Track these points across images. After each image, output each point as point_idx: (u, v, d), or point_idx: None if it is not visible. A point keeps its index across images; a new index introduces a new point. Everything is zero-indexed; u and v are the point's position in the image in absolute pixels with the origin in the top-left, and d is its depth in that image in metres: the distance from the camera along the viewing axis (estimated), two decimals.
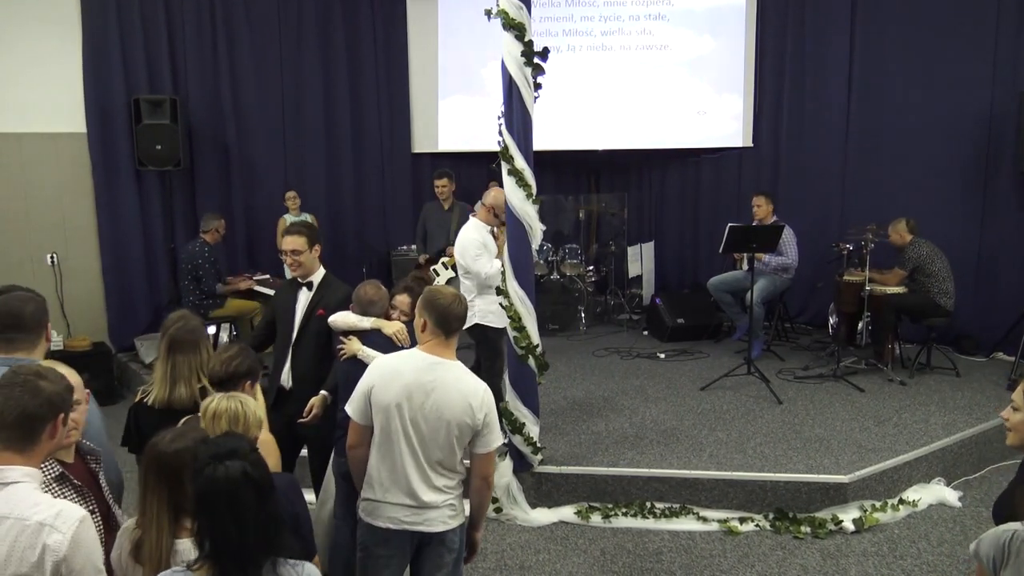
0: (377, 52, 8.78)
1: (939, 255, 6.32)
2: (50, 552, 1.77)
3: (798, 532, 4.36)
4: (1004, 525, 2.09)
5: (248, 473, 1.79)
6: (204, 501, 1.79)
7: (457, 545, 2.89)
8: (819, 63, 7.95)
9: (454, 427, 2.72)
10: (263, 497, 1.81)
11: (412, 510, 2.77)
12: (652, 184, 9.45)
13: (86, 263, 7.45)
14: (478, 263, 4.86)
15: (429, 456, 2.75)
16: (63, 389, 1.97)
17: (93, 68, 7.27)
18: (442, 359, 2.79)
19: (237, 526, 1.77)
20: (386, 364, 2.83)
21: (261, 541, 1.80)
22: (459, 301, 2.83)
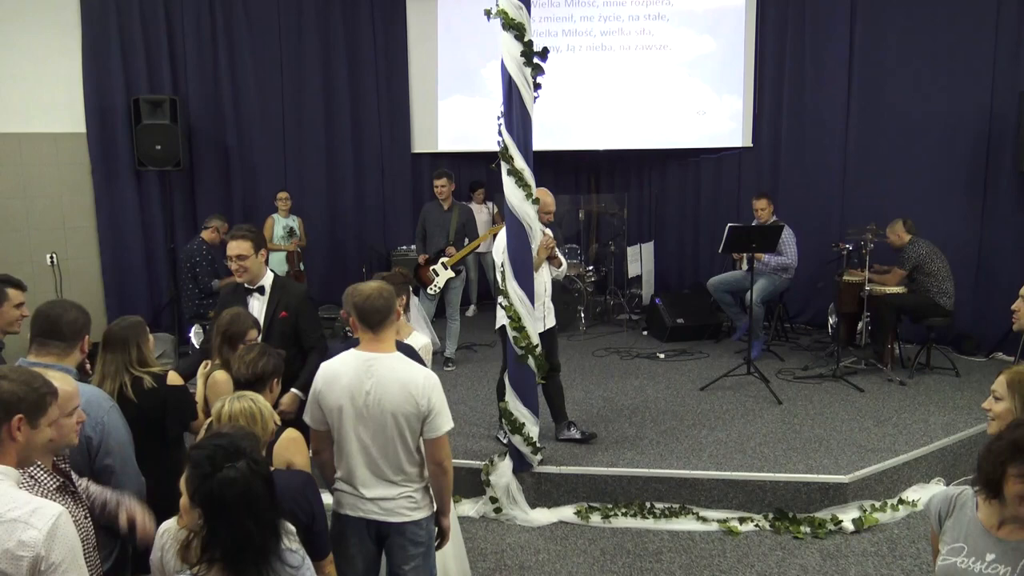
0: (377, 52, 8.79)
1: (938, 255, 6.32)
2: (26, 548, 1.76)
3: (798, 532, 4.35)
4: (952, 486, 2.27)
5: (255, 468, 1.81)
6: (218, 504, 1.78)
7: (423, 538, 2.88)
8: (819, 63, 7.95)
9: (400, 418, 2.72)
10: (271, 490, 1.84)
11: (374, 503, 2.80)
12: (652, 184, 9.45)
13: (86, 263, 7.45)
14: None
15: (381, 452, 2.77)
16: (21, 389, 1.94)
17: (93, 68, 7.28)
18: (377, 354, 2.78)
19: (255, 522, 1.78)
20: (327, 369, 2.83)
21: (273, 534, 1.82)
22: (377, 295, 2.77)
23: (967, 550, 2.13)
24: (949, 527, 2.22)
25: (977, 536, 2.12)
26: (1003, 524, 2.08)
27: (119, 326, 3.08)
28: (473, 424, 5.42)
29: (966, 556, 2.13)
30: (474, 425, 5.40)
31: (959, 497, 2.22)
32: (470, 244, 6.95)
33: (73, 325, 2.70)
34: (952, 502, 2.24)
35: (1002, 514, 2.06)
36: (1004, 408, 2.43)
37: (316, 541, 2.47)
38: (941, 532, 2.25)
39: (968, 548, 2.13)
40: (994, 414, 2.48)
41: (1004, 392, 2.45)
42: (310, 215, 8.36)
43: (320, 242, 8.57)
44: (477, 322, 8.49)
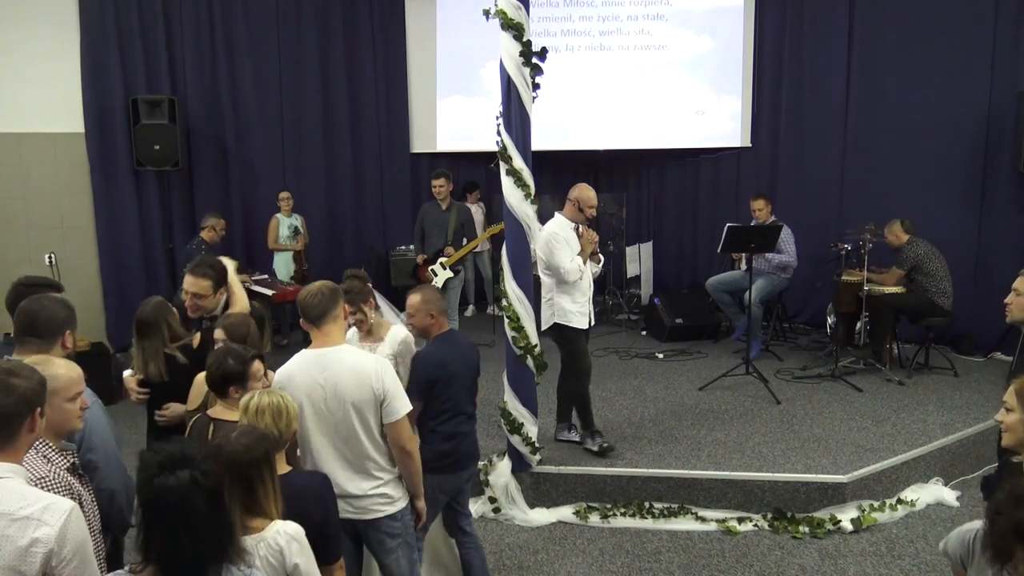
0: (376, 52, 8.79)
1: (937, 255, 6.33)
2: (40, 545, 1.78)
3: (796, 532, 4.36)
4: (968, 524, 2.18)
5: (198, 481, 1.76)
6: (154, 509, 1.75)
7: (399, 529, 2.93)
8: (817, 63, 7.95)
9: (360, 406, 2.76)
10: (214, 505, 1.78)
11: (346, 501, 2.80)
12: (651, 184, 9.45)
13: (84, 263, 7.44)
14: (557, 256, 4.64)
15: (347, 446, 2.79)
16: (36, 384, 1.97)
17: (91, 68, 7.27)
18: (325, 348, 2.82)
19: (189, 535, 1.73)
20: (281, 373, 2.86)
21: (211, 549, 1.77)
22: (316, 292, 2.83)
23: None
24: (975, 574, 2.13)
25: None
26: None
27: (147, 311, 3.27)
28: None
29: None
30: None
31: (974, 542, 2.13)
32: (468, 244, 6.94)
33: (50, 322, 2.68)
34: (970, 547, 2.15)
35: None
36: (1015, 419, 2.38)
37: (328, 544, 2.46)
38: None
39: None
40: (1006, 425, 2.42)
41: (1015, 403, 2.38)
42: (309, 215, 8.35)
43: (318, 242, 8.57)
44: (476, 322, 8.49)
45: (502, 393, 4.67)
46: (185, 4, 7.72)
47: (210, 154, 8.05)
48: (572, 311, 4.75)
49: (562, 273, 4.65)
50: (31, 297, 2.77)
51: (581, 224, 4.80)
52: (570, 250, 4.69)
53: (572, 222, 4.79)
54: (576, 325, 4.77)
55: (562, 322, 4.76)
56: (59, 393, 2.18)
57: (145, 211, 7.68)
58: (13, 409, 1.90)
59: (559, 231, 4.72)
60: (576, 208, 4.77)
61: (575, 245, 4.74)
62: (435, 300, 3.42)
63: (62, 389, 2.20)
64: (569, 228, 4.77)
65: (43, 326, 2.68)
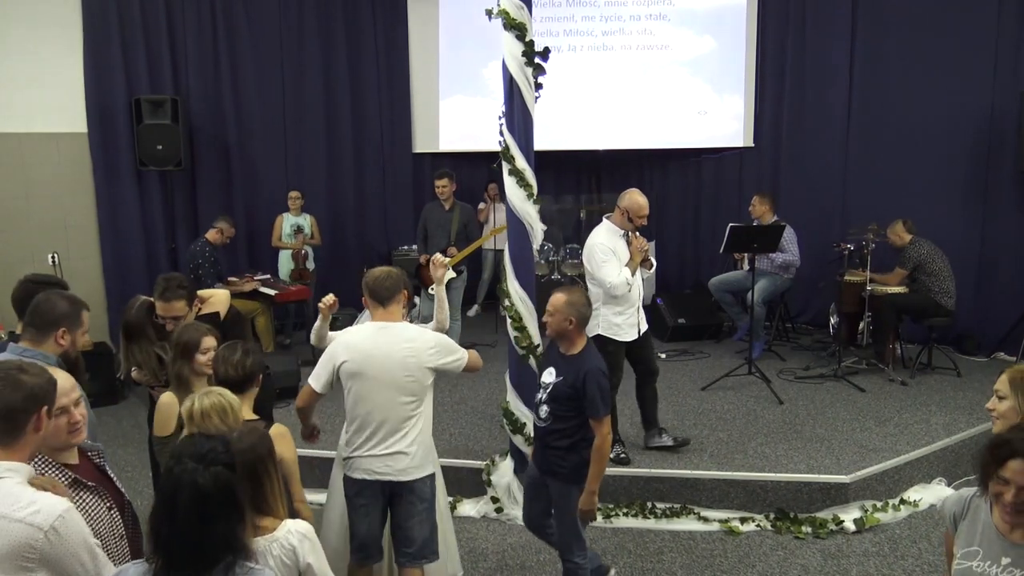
0: (378, 52, 8.79)
1: (939, 255, 6.32)
2: (30, 549, 1.78)
3: (799, 532, 4.35)
4: (965, 488, 2.27)
5: (219, 477, 1.77)
6: (167, 499, 1.76)
7: (428, 495, 3.22)
8: (820, 63, 7.95)
9: (412, 370, 3.12)
10: (227, 503, 1.78)
11: (384, 461, 3.12)
12: (653, 184, 9.44)
13: (87, 263, 7.46)
14: (603, 269, 4.46)
15: (393, 411, 3.12)
16: (45, 382, 1.96)
17: (94, 68, 7.28)
18: (386, 323, 3.20)
19: (198, 528, 1.74)
20: (345, 339, 3.21)
21: (217, 545, 1.76)
22: (386, 276, 3.25)
23: (982, 554, 2.11)
24: (964, 529, 2.20)
25: (992, 540, 2.11)
26: (1015, 528, 2.05)
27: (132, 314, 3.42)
28: (475, 424, 5.42)
29: (981, 560, 2.11)
30: (476, 426, 5.39)
31: (973, 499, 2.20)
32: (472, 244, 6.93)
33: (46, 314, 2.70)
34: (966, 504, 2.21)
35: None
36: (1008, 407, 2.43)
37: None
38: (956, 534, 2.23)
39: (983, 552, 2.11)
40: (998, 413, 2.47)
41: (1007, 391, 2.44)
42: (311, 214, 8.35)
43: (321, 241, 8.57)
44: (480, 322, 8.49)
45: (504, 393, 4.66)
46: (188, 4, 7.73)
47: (213, 154, 8.06)
48: (618, 323, 4.57)
49: (608, 287, 4.47)
50: (46, 291, 2.81)
51: (630, 232, 4.60)
52: (618, 262, 4.50)
53: (621, 229, 4.61)
54: (619, 338, 4.58)
55: (606, 334, 4.57)
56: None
57: (148, 211, 7.68)
58: (21, 405, 1.89)
59: (606, 241, 4.55)
60: (626, 217, 4.57)
61: (623, 254, 4.56)
62: (580, 305, 3.33)
63: None
64: (617, 236, 4.59)
65: (38, 318, 2.70)
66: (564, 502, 3.38)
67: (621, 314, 4.57)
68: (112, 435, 5.79)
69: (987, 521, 2.13)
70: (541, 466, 3.45)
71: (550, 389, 3.34)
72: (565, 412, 3.29)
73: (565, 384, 3.28)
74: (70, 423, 2.13)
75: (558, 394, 3.31)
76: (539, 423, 3.42)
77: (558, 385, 3.31)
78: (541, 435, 3.43)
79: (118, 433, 5.91)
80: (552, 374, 3.36)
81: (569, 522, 3.38)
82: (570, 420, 3.29)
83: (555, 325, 3.34)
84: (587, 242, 4.64)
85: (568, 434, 3.30)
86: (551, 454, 3.35)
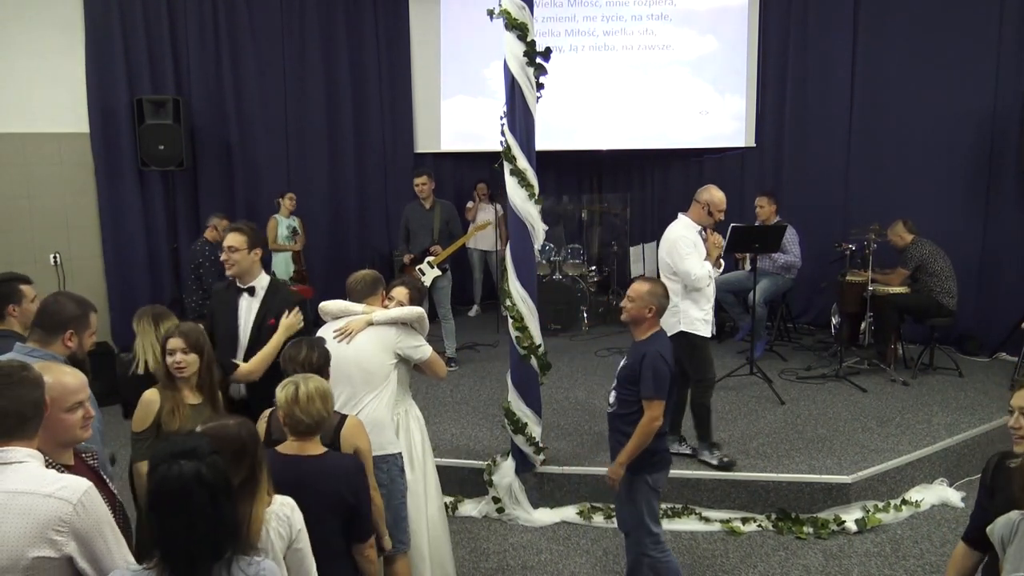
0: (380, 52, 8.80)
1: (941, 255, 6.31)
2: (60, 523, 1.85)
3: (800, 532, 4.35)
4: (1014, 512, 2.25)
5: (202, 474, 1.78)
6: (156, 499, 1.78)
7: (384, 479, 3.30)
8: (822, 63, 7.94)
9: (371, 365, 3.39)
10: (216, 499, 1.79)
11: None
12: (654, 184, 9.45)
13: (89, 263, 7.46)
14: (687, 261, 4.42)
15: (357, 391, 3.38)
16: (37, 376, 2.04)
17: (96, 68, 7.29)
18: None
19: (187, 526, 1.76)
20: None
21: (212, 543, 1.79)
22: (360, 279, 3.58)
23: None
24: (1011, 554, 2.19)
25: None
26: None
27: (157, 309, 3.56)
28: (476, 425, 5.42)
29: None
30: (477, 426, 5.39)
31: (1019, 524, 2.19)
32: (456, 242, 6.92)
33: (54, 316, 2.77)
34: (1015, 527, 2.20)
35: None
36: None
37: (361, 524, 2.60)
38: (1004, 558, 2.22)
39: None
40: (1022, 433, 2.42)
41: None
42: (312, 215, 8.36)
43: (322, 242, 8.57)
44: (480, 322, 8.50)
45: (506, 393, 4.66)
46: (190, 4, 7.74)
47: (214, 154, 8.06)
48: (699, 318, 4.50)
49: (692, 279, 4.41)
50: (55, 293, 2.87)
51: (708, 227, 4.59)
52: (699, 255, 4.48)
53: (698, 224, 4.58)
54: (703, 333, 4.55)
55: (689, 330, 4.48)
56: (54, 402, 2.13)
57: (149, 211, 7.69)
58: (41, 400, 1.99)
59: (687, 234, 4.52)
60: (705, 211, 4.55)
61: (702, 249, 4.52)
62: (661, 295, 3.44)
63: (58, 398, 2.14)
64: (696, 231, 4.56)
65: (47, 319, 2.76)
66: (629, 490, 3.43)
67: (701, 309, 4.50)
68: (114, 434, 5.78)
69: None
70: (612, 454, 3.49)
71: (617, 373, 3.46)
72: (628, 396, 3.37)
73: (628, 368, 3.39)
74: (84, 418, 2.20)
75: (623, 377, 3.41)
76: (608, 408, 3.54)
77: (622, 369, 3.43)
78: (610, 420, 3.53)
79: (120, 432, 5.91)
80: (622, 362, 3.47)
81: (636, 513, 3.42)
82: (633, 404, 3.35)
83: (633, 311, 3.41)
84: (665, 236, 4.61)
85: (633, 419, 3.34)
86: (618, 439, 3.42)
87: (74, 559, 1.87)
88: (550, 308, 7.75)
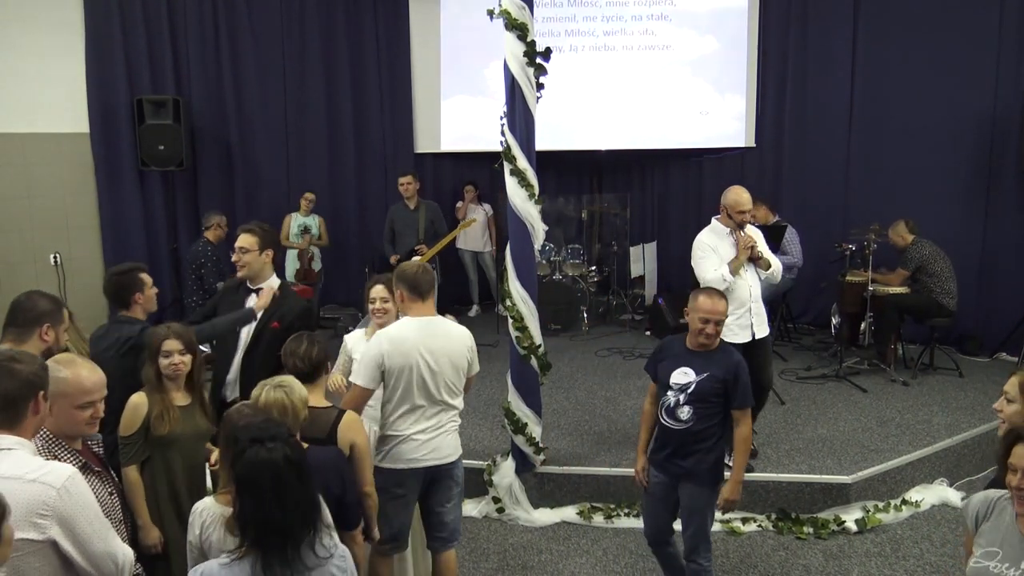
0: (380, 52, 8.79)
1: (941, 255, 6.31)
2: (44, 506, 1.90)
3: (801, 533, 4.35)
4: (992, 490, 2.26)
5: (289, 456, 1.91)
6: (247, 483, 1.89)
7: (461, 480, 3.38)
8: (822, 63, 7.94)
9: (458, 361, 3.27)
10: (303, 478, 1.92)
11: (425, 444, 3.20)
12: (654, 184, 9.44)
13: (89, 263, 7.47)
14: (700, 266, 4.44)
15: (440, 399, 3.23)
16: (38, 368, 2.08)
17: (96, 68, 7.29)
18: (431, 317, 3.26)
19: (280, 507, 1.86)
20: (392, 334, 3.19)
21: (301, 520, 1.90)
22: (424, 270, 3.28)
23: (1001, 555, 2.11)
24: (986, 530, 2.19)
25: (1014, 543, 2.10)
26: None
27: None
28: (476, 425, 5.41)
29: (1000, 561, 2.11)
30: (477, 426, 5.39)
31: (999, 501, 2.19)
32: (441, 240, 6.92)
33: (27, 313, 2.81)
34: (991, 505, 2.21)
35: None
36: (1014, 410, 2.41)
37: (347, 512, 2.62)
38: (976, 534, 2.22)
39: (1003, 553, 2.11)
40: (1004, 416, 2.45)
41: (1016, 394, 2.42)
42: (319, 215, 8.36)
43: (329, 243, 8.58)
44: (478, 322, 8.49)
45: (506, 393, 4.66)
46: (190, 4, 7.74)
47: (214, 154, 8.07)
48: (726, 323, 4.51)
49: (704, 281, 4.35)
50: (26, 291, 2.89)
51: (734, 229, 4.47)
52: (716, 259, 4.42)
53: (725, 228, 4.51)
54: (727, 339, 4.30)
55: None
56: (66, 397, 2.21)
57: (149, 211, 7.69)
58: (17, 392, 2.00)
59: (706, 239, 4.52)
60: (726, 214, 4.48)
61: (727, 253, 4.44)
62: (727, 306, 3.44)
63: (70, 394, 2.21)
64: (722, 235, 4.50)
65: (20, 316, 2.81)
66: (699, 503, 3.35)
67: (732, 313, 4.26)
68: None
69: (1011, 524, 2.13)
70: (675, 472, 3.36)
71: (693, 388, 3.26)
72: (711, 409, 3.26)
73: (713, 380, 3.25)
74: (92, 417, 2.26)
75: (704, 391, 3.25)
76: (676, 426, 3.30)
77: (703, 382, 3.25)
78: (680, 438, 3.31)
79: None
80: (689, 373, 3.28)
81: (701, 524, 3.37)
82: (715, 417, 3.28)
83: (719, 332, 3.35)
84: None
85: (712, 432, 3.28)
86: (694, 456, 3.29)
87: (58, 542, 1.91)
88: (550, 308, 7.75)
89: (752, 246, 4.44)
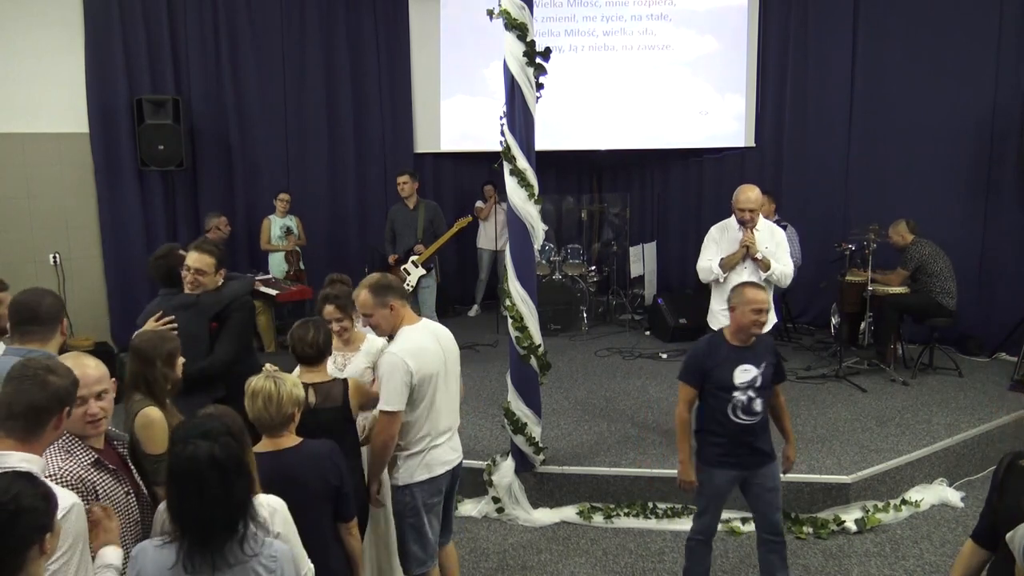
0: (379, 52, 8.80)
1: (941, 255, 6.31)
2: None
3: (800, 532, 4.35)
4: None
5: (216, 455, 1.91)
6: (173, 476, 1.94)
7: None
8: (821, 63, 7.94)
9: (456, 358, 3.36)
10: (227, 478, 1.92)
11: (450, 443, 3.28)
12: (654, 184, 9.44)
13: (89, 263, 7.46)
14: (701, 255, 4.80)
15: (454, 401, 3.33)
16: (70, 384, 2.06)
17: (96, 68, 7.28)
18: (424, 320, 3.29)
19: (200, 503, 1.90)
20: (410, 349, 3.08)
21: (223, 518, 1.92)
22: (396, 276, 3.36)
23: None
24: None
25: None
26: None
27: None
28: (476, 425, 5.42)
29: None
30: (477, 426, 5.39)
31: None
32: (438, 239, 6.93)
33: (50, 310, 2.83)
34: None
35: None
36: None
37: (344, 503, 2.65)
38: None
39: None
40: None
41: None
42: (312, 215, 8.36)
43: (321, 242, 8.57)
44: (479, 322, 8.50)
45: (505, 393, 4.66)
46: (190, 4, 7.74)
47: (214, 154, 8.06)
48: (715, 312, 4.68)
49: (698, 270, 4.78)
50: (23, 290, 2.90)
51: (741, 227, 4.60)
52: (714, 250, 4.69)
53: (738, 223, 4.62)
54: (713, 326, 4.60)
55: (712, 325, 4.64)
56: None
57: (149, 211, 7.69)
58: (45, 404, 1.98)
59: (714, 231, 4.76)
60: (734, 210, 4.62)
61: (727, 247, 4.62)
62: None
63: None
64: (732, 229, 4.66)
65: (45, 314, 2.81)
66: (778, 479, 3.50)
67: (720, 303, 4.48)
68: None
69: None
70: (755, 461, 3.43)
71: (759, 382, 3.32)
72: (770, 392, 3.43)
73: (769, 367, 3.38)
74: (87, 414, 2.22)
75: (767, 380, 3.37)
76: (752, 420, 3.34)
77: (764, 372, 3.35)
78: (756, 429, 3.37)
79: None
80: (750, 369, 3.32)
81: (780, 498, 3.53)
82: (769, 400, 3.42)
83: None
84: None
85: (767, 415, 3.43)
86: (764, 437, 3.42)
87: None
88: (550, 308, 7.75)
89: (748, 245, 4.52)
